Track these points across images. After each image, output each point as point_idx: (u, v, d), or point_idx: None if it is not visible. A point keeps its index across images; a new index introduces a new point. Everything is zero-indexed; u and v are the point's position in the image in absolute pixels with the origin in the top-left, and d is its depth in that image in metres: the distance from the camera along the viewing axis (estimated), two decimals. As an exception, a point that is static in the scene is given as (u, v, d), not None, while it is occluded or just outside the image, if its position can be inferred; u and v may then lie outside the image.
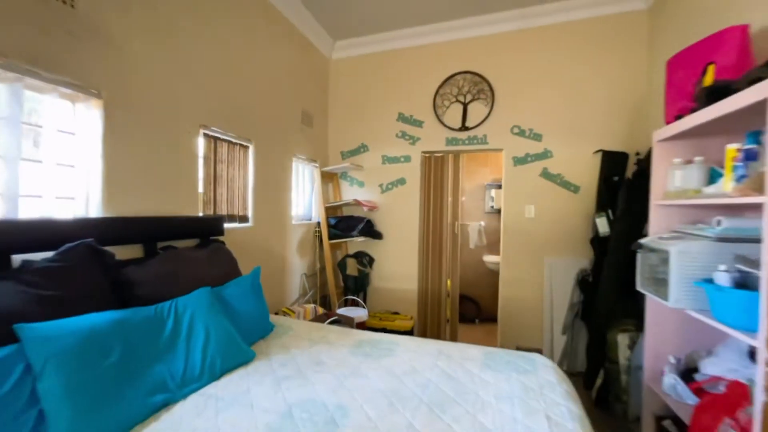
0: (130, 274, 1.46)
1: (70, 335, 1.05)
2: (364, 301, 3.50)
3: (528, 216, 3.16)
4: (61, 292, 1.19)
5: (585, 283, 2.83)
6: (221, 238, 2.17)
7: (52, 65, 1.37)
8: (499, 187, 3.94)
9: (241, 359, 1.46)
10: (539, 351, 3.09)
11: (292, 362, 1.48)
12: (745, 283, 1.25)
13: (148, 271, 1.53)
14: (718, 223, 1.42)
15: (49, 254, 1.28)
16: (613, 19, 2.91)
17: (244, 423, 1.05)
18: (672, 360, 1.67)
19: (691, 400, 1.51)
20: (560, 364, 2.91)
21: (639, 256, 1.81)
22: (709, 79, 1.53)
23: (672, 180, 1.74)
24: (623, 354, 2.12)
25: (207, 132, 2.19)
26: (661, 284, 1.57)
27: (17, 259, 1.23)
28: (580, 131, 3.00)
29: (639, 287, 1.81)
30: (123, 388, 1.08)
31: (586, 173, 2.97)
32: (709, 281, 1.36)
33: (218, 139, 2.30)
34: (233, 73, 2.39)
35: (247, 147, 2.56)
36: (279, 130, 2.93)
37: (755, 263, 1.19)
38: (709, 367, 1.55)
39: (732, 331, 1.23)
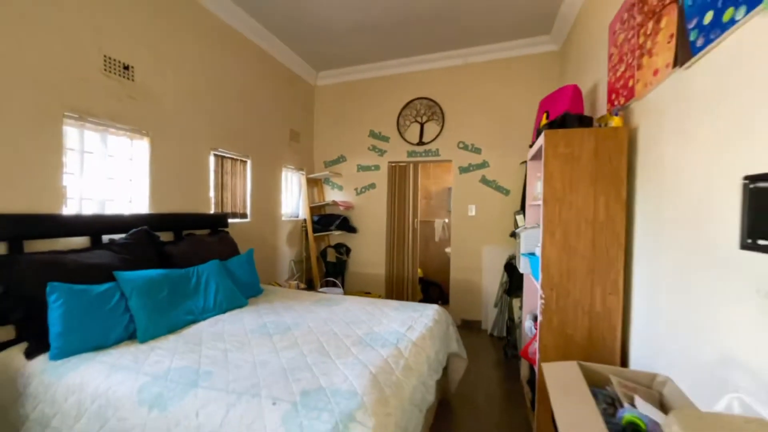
0: (168, 250, 2.29)
1: (141, 279, 1.88)
2: (342, 284, 4.31)
3: (470, 214, 3.95)
4: (132, 257, 2.03)
5: (510, 267, 3.60)
6: (226, 229, 3.00)
7: (122, 118, 2.20)
8: (457, 189, 4.72)
9: (238, 304, 2.29)
10: (479, 322, 3.90)
11: (271, 306, 2.30)
12: (544, 253, 2.03)
13: (178, 248, 2.36)
14: (543, 216, 2.20)
15: (122, 235, 2.11)
16: (534, 57, 3.69)
17: (236, 329, 1.87)
18: (528, 313, 2.46)
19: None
20: (492, 331, 3.70)
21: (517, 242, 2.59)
22: (543, 122, 2.30)
23: (536, 188, 2.52)
24: (516, 314, 2.91)
25: (216, 152, 3.03)
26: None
27: (105, 237, 2.06)
28: (510, 146, 3.77)
29: (517, 264, 2.59)
30: (169, 310, 1.91)
31: (514, 179, 3.75)
32: (533, 254, 2.15)
33: (224, 157, 3.13)
34: (235, 107, 3.22)
35: (245, 161, 3.40)
36: (271, 147, 3.76)
37: (544, 240, 1.97)
38: (547, 313, 2.33)
39: (537, 282, 2.02)
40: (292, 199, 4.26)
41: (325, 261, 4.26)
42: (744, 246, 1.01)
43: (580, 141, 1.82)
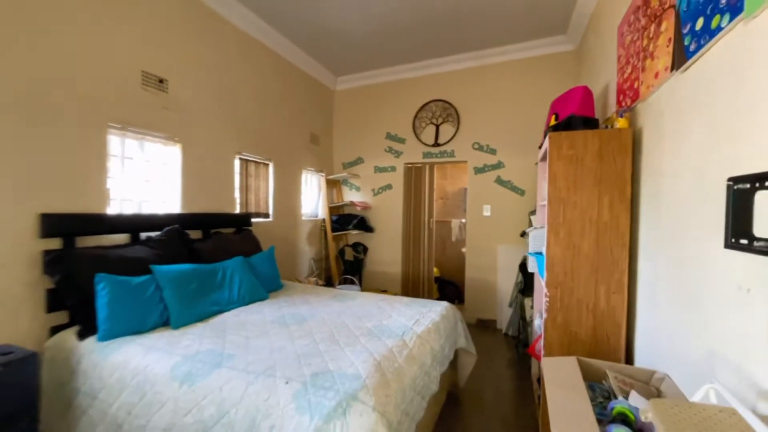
0: (197, 246, 2.50)
1: (174, 272, 2.08)
2: (360, 282, 4.45)
3: (485, 214, 3.99)
4: (165, 253, 2.24)
5: (524, 266, 3.62)
6: (250, 228, 3.20)
7: (157, 127, 2.43)
8: (474, 190, 4.76)
9: (260, 297, 2.47)
10: (494, 322, 3.94)
11: (289, 300, 2.47)
12: (551, 252, 2.08)
13: (206, 245, 2.57)
14: (551, 216, 2.24)
15: (157, 233, 2.34)
16: (550, 57, 3.69)
17: (257, 319, 2.04)
18: (538, 311, 2.49)
19: (541, 331, 2.34)
20: (506, 330, 3.72)
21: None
22: (552, 123, 2.34)
23: (543, 189, 2.56)
24: (528, 313, 2.94)
25: (241, 156, 3.24)
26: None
27: (142, 235, 2.29)
28: (526, 146, 3.78)
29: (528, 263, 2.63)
30: (198, 301, 2.10)
31: (529, 180, 3.76)
32: (540, 253, 2.19)
33: (248, 160, 3.34)
34: (258, 113, 3.43)
35: (268, 164, 3.60)
36: (292, 150, 3.95)
37: (550, 239, 2.02)
38: (556, 311, 2.36)
39: (542, 280, 2.07)
40: (312, 199, 4.44)
41: (344, 259, 4.42)
42: (727, 245, 1.05)
43: (584, 142, 1.86)
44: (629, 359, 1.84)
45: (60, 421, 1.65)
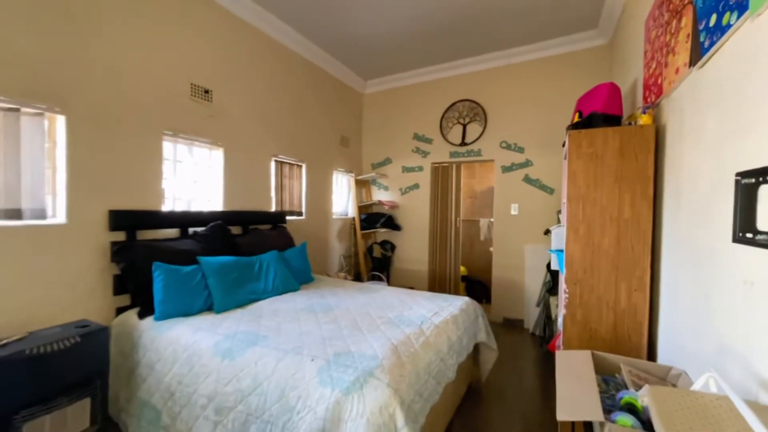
0: (238, 241, 2.75)
1: (217, 263, 2.32)
2: (388, 279, 4.59)
3: (513, 213, 3.97)
4: (210, 246, 2.50)
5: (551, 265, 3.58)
6: (284, 224, 3.44)
7: (203, 133, 2.71)
8: (502, 189, 4.73)
9: (292, 288, 2.67)
10: (522, 321, 3.92)
11: (319, 291, 2.65)
12: (571, 249, 2.09)
13: (245, 240, 2.81)
14: (574, 214, 2.24)
15: (203, 228, 2.61)
16: (581, 53, 3.62)
17: (288, 307, 2.23)
18: (561, 309, 2.49)
19: (564, 329, 2.34)
20: (534, 330, 3.69)
21: (551, 239, 2.63)
22: (575, 120, 2.33)
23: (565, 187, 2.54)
24: (553, 311, 2.92)
25: (276, 159, 3.49)
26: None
27: (190, 229, 2.57)
28: (555, 144, 3.73)
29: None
30: (238, 289, 2.33)
31: (558, 178, 3.70)
32: (562, 251, 2.20)
33: (283, 162, 3.59)
34: (292, 118, 3.66)
35: (301, 166, 3.83)
36: (323, 152, 4.16)
37: (570, 237, 2.03)
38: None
39: (562, 275, 2.08)
40: (342, 199, 4.64)
41: (372, 256, 4.57)
42: (735, 239, 1.07)
43: (604, 140, 1.87)
44: (652, 358, 1.82)
45: (125, 388, 1.92)
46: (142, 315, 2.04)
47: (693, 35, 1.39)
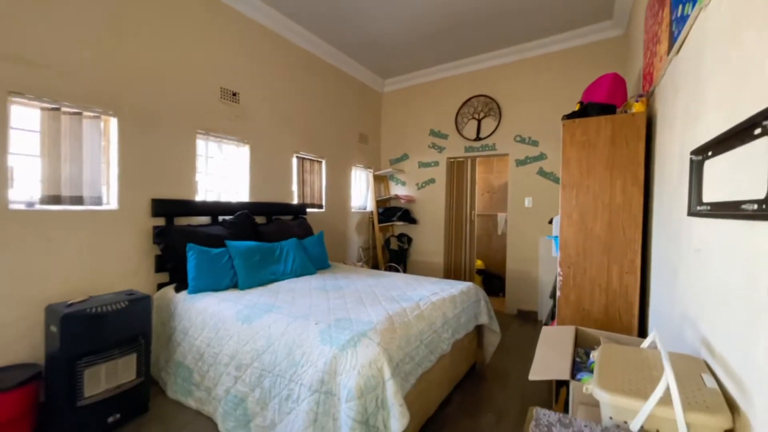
0: (261, 229, 3.04)
1: (242, 246, 2.60)
2: (404, 271, 4.76)
3: (527, 206, 4.02)
4: (236, 232, 2.79)
5: (565, 258, 3.59)
6: (305, 216, 3.71)
7: (231, 132, 3.02)
8: (519, 183, 4.75)
9: (309, 272, 2.92)
10: (535, 313, 3.96)
11: (333, 275, 2.88)
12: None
13: (268, 228, 3.10)
14: (573, 202, 2.31)
15: (231, 217, 2.91)
16: (596, 44, 3.61)
17: (303, 287, 2.46)
18: (565, 293, 2.55)
19: (565, 314, 2.41)
20: (546, 321, 3.72)
21: (555, 228, 2.70)
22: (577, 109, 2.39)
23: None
24: (561, 300, 2.96)
25: (298, 155, 3.76)
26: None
27: (220, 218, 2.88)
28: (569, 137, 3.74)
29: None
30: (260, 270, 2.60)
31: (573, 171, 3.70)
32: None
33: (304, 158, 3.86)
34: (313, 117, 3.93)
35: (321, 162, 4.09)
36: (343, 148, 4.41)
37: (566, 222, 2.12)
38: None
39: (557, 259, 2.17)
40: (361, 193, 4.86)
41: (389, 249, 4.76)
42: (689, 213, 1.16)
43: (597, 128, 1.95)
44: (642, 336, 1.87)
45: (164, 351, 2.24)
46: (178, 289, 2.35)
47: (668, 24, 1.47)
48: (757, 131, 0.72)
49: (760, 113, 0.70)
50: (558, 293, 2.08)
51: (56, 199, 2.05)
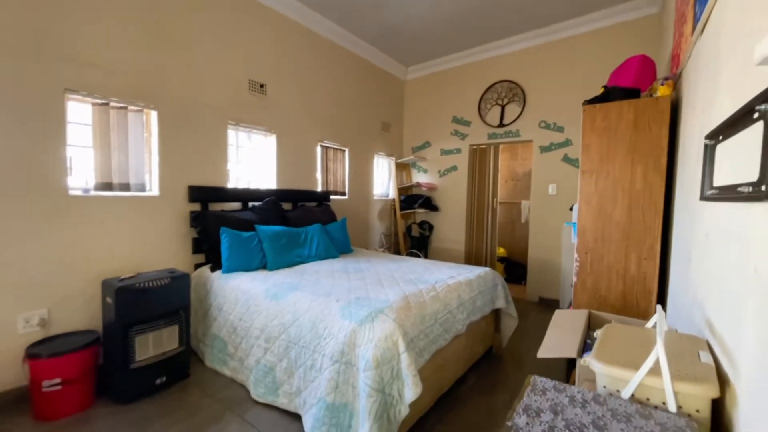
0: (288, 215, 3.21)
1: (270, 231, 2.77)
2: (426, 257, 4.83)
3: (551, 193, 3.96)
4: (265, 217, 2.97)
5: (589, 246, 3.54)
6: (329, 203, 3.85)
7: (259, 122, 3.17)
8: (544, 170, 4.66)
9: (332, 255, 3.07)
10: (557, 301, 3.95)
11: (354, 259, 3.01)
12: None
13: (295, 214, 3.26)
14: (594, 188, 2.29)
15: (259, 203, 3.09)
16: (628, 24, 3.45)
17: (326, 269, 2.61)
18: (584, 280, 2.55)
19: (583, 300, 2.42)
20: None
21: (576, 215, 2.68)
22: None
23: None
24: (581, 287, 2.95)
25: (322, 144, 3.89)
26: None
27: (250, 203, 3.07)
28: (597, 122, 3.63)
29: (576, 236, 2.68)
30: (286, 253, 2.77)
31: (600, 157, 3.61)
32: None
33: (328, 147, 3.98)
34: (337, 106, 4.03)
35: (344, 150, 4.20)
36: (366, 137, 4.49)
37: (584, 209, 2.12)
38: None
39: (574, 245, 2.18)
40: (383, 181, 4.95)
41: (410, 236, 4.84)
42: (701, 197, 1.17)
43: (618, 113, 1.92)
44: (660, 325, 1.87)
45: (201, 325, 2.46)
46: (213, 269, 2.56)
47: (693, 4, 1.43)
48: (755, 116, 0.74)
49: (756, 98, 0.72)
50: (574, 279, 2.10)
51: (108, 186, 2.28)
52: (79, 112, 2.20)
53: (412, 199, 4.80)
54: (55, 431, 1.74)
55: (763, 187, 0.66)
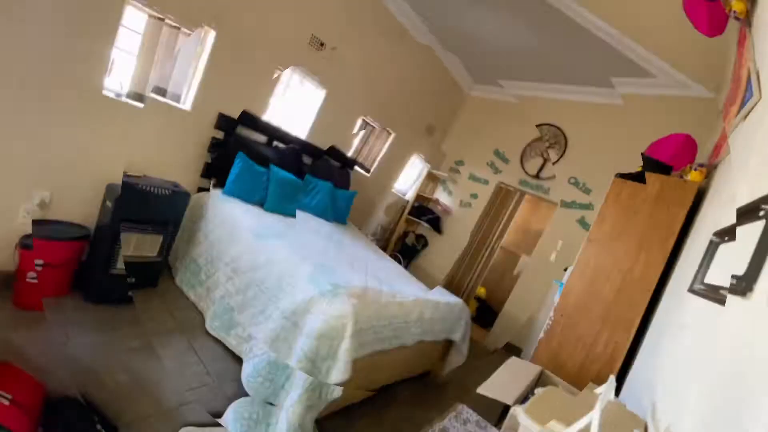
0: (304, 168, 3.24)
1: (282, 176, 2.81)
2: (406, 267, 4.73)
3: (552, 259, 3.85)
4: (283, 160, 3.00)
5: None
6: (351, 170, 3.87)
7: (314, 72, 3.22)
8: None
9: (326, 218, 3.13)
10: (521, 350, 3.94)
11: (343, 232, 3.11)
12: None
13: (315, 163, 3.34)
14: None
15: (284, 146, 3.14)
16: (683, 100, 3.32)
17: (316, 228, 2.71)
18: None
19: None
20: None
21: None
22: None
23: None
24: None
25: (363, 118, 3.92)
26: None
27: (274, 143, 3.11)
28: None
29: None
30: (288, 201, 2.81)
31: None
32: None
33: (368, 123, 4.01)
34: (389, 88, 4.01)
35: (390, 133, 4.23)
36: (409, 131, 4.47)
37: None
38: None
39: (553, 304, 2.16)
40: (408, 180, 4.93)
41: (404, 241, 4.84)
42: (689, 290, 1.17)
43: (645, 193, 1.88)
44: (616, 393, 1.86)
45: (184, 245, 2.51)
46: (215, 186, 2.67)
47: (744, 88, 1.34)
48: (761, 213, 0.73)
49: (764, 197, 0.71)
50: (542, 335, 2.10)
51: (139, 97, 2.29)
52: (134, 19, 2.17)
53: (423, 210, 4.78)
54: (32, 318, 1.80)
55: (744, 284, 0.67)
